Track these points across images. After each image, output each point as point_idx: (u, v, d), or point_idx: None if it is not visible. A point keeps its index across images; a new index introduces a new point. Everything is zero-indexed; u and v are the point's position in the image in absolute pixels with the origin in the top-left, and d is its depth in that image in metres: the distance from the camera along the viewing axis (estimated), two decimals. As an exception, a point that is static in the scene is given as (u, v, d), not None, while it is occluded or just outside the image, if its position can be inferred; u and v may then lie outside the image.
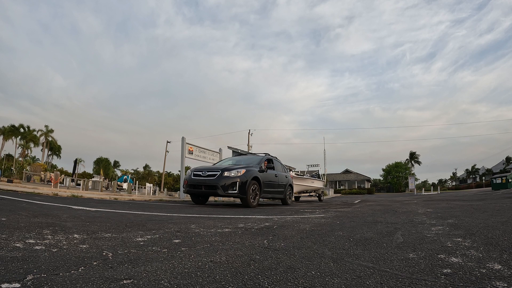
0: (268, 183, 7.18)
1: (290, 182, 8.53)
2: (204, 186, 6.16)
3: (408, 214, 4.22)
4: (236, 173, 6.18)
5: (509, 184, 21.59)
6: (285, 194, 8.17)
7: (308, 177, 12.48)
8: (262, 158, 7.72)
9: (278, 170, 8.09)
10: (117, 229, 2.25)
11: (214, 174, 6.21)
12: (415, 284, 1.11)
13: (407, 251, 1.71)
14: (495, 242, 1.93)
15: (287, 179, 8.42)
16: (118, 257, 1.40)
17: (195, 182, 6.28)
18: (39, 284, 0.98)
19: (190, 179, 6.39)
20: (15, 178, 20.80)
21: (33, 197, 5.59)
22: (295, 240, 2.06)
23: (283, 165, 8.91)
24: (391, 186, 54.94)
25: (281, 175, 8.09)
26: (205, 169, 6.49)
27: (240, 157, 8.49)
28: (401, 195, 25.67)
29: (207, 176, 6.25)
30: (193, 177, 6.39)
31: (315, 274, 1.24)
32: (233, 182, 6.03)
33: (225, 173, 6.13)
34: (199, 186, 6.23)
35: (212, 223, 2.94)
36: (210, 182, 6.10)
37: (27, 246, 1.51)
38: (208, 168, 6.60)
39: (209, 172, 6.33)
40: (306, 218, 3.71)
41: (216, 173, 6.17)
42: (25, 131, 42.63)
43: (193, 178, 6.37)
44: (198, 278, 1.14)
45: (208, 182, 6.13)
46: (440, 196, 14.25)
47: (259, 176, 6.66)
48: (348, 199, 14.71)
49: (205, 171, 6.37)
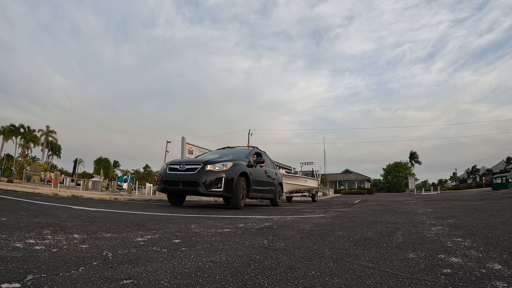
0: (258, 181, 6.27)
1: (280, 180, 7.72)
2: (182, 182, 5.15)
3: (408, 214, 4.22)
4: (222, 166, 5.21)
5: (509, 184, 21.58)
6: (275, 193, 7.27)
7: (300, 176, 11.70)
8: (250, 151, 6.80)
9: (268, 165, 7.19)
10: (117, 229, 2.25)
11: (194, 168, 5.20)
12: (415, 284, 1.11)
13: (407, 251, 1.71)
14: (495, 242, 1.93)
15: (277, 177, 7.55)
16: (118, 257, 1.40)
17: (171, 177, 5.27)
18: (39, 284, 0.98)
19: (165, 174, 5.36)
20: (15, 178, 20.80)
21: (33, 197, 5.59)
22: (295, 240, 2.06)
23: (272, 160, 8.02)
24: (391, 186, 54.95)
25: (271, 171, 7.21)
26: (183, 162, 5.49)
27: (225, 150, 7.32)
28: (401, 195, 25.67)
29: (185, 171, 5.22)
30: (169, 172, 5.37)
31: (315, 274, 1.24)
32: (217, 178, 5.07)
33: (207, 167, 5.14)
34: (176, 182, 5.22)
35: (212, 223, 2.94)
36: (189, 178, 5.09)
37: (27, 246, 1.51)
38: (187, 161, 5.60)
39: (188, 165, 5.30)
40: (306, 218, 3.71)
41: (197, 167, 5.19)
42: (25, 131, 42.62)
43: (168, 173, 5.35)
44: (198, 278, 1.14)
45: (186, 178, 5.12)
46: (440, 196, 14.25)
47: (248, 172, 5.70)
48: (348, 199, 14.71)
49: (183, 165, 5.34)
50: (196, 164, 5.28)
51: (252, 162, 6.24)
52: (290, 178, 10.01)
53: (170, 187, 5.32)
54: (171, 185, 5.29)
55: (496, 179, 23.26)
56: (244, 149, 7.46)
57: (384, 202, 9.38)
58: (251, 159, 6.34)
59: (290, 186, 9.92)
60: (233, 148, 7.61)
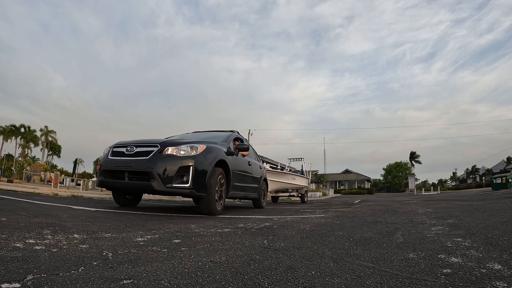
0: (240, 174, 4.70)
1: (265, 176, 6.41)
2: (129, 173, 3.50)
3: (408, 214, 4.22)
4: (189, 150, 3.56)
5: (509, 184, 21.59)
6: (259, 192, 5.86)
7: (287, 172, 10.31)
8: (230, 134, 5.07)
9: (251, 156, 5.67)
10: (117, 229, 2.25)
11: (147, 151, 3.54)
12: (415, 284, 1.11)
13: (407, 251, 1.71)
14: (495, 242, 1.93)
15: (261, 171, 6.12)
16: (118, 257, 1.40)
17: (112, 166, 3.64)
18: (39, 284, 0.98)
19: (105, 161, 3.73)
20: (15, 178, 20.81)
21: (33, 197, 5.59)
22: (295, 240, 2.06)
23: (255, 151, 6.48)
24: (391, 186, 54.96)
25: (255, 164, 5.74)
26: (132, 143, 3.73)
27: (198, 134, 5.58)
28: (401, 195, 25.66)
29: (134, 155, 3.56)
30: (111, 158, 3.71)
31: (315, 274, 1.24)
32: (182, 168, 3.41)
33: (167, 150, 3.50)
34: (120, 173, 3.56)
35: (212, 223, 2.94)
36: (138, 167, 3.43)
37: (27, 246, 1.51)
38: (138, 142, 3.77)
39: (139, 147, 3.62)
40: (306, 218, 3.71)
41: (152, 150, 3.53)
42: (25, 131, 42.62)
43: (110, 160, 3.70)
44: (198, 278, 1.14)
45: (135, 167, 3.45)
46: (440, 196, 14.25)
47: (228, 161, 4.11)
48: (348, 199, 14.71)
49: (131, 146, 3.65)
50: (150, 146, 3.59)
51: (233, 149, 4.63)
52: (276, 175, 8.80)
53: (111, 181, 3.65)
54: (112, 177, 3.63)
55: (496, 179, 23.26)
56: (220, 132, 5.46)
57: (384, 202, 9.38)
58: (231, 145, 4.69)
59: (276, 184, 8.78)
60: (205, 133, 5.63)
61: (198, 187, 3.50)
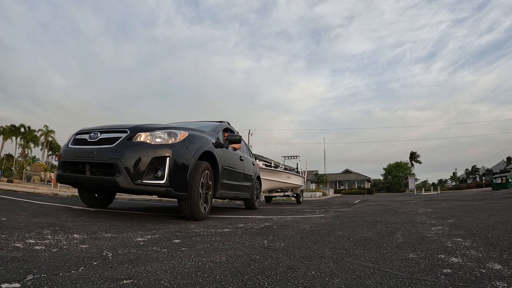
0: (231, 170, 4.06)
1: (258, 174, 5.85)
2: (90, 165, 2.81)
3: (408, 214, 4.22)
4: (166, 137, 2.88)
5: (509, 184, 21.60)
6: (253, 191, 5.31)
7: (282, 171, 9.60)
8: (218, 124, 4.37)
9: (243, 151, 5.09)
10: (117, 229, 2.25)
11: (113, 138, 2.85)
12: (415, 284, 1.11)
13: (407, 251, 1.71)
14: (495, 242, 1.93)
15: (254, 168, 5.55)
16: (118, 257, 1.40)
17: (71, 156, 2.94)
18: (39, 284, 0.98)
19: (66, 151, 3.05)
20: (15, 178, 20.82)
21: (33, 197, 5.59)
22: (295, 240, 2.06)
23: (247, 145, 5.94)
24: (391, 186, 54.99)
25: (248, 160, 5.14)
26: (97, 129, 3.01)
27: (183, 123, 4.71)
28: (401, 195, 25.67)
29: (98, 143, 2.86)
30: (71, 147, 3.02)
31: (315, 274, 1.24)
32: (156, 159, 2.73)
33: (139, 136, 2.82)
34: (81, 166, 2.86)
35: (212, 223, 2.94)
36: (101, 157, 2.74)
37: (27, 246, 1.51)
38: (104, 128, 3.03)
39: (104, 133, 2.92)
40: (306, 218, 3.71)
41: (119, 136, 2.84)
42: (25, 131, 42.63)
43: (70, 149, 3.00)
44: (198, 278, 1.14)
45: (97, 157, 2.75)
46: (440, 196, 14.25)
47: (216, 154, 3.44)
48: (348, 199, 14.71)
49: (95, 133, 2.95)
50: (118, 131, 2.90)
51: (222, 140, 4.03)
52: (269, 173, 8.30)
53: (70, 175, 2.96)
54: (72, 170, 2.93)
55: (496, 179, 23.27)
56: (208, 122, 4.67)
57: (384, 202, 9.38)
58: (221, 136, 4.09)
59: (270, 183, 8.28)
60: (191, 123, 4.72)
61: (177, 185, 2.80)
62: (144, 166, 2.70)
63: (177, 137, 2.95)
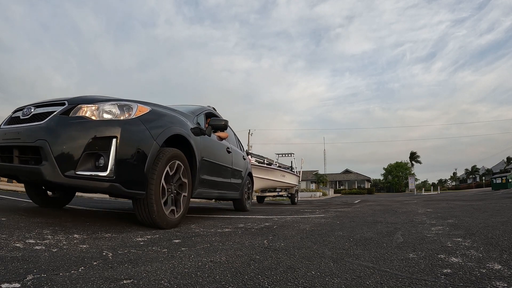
0: (214, 163, 3.31)
1: (250, 170, 5.05)
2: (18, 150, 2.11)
3: (408, 214, 4.22)
4: (117, 111, 2.13)
5: (509, 184, 21.61)
6: (242, 190, 4.56)
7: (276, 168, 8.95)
8: (200, 107, 3.59)
9: (231, 141, 4.31)
10: (117, 229, 2.25)
11: (47, 112, 2.13)
12: (415, 284, 1.11)
13: (407, 251, 1.71)
14: (495, 242, 1.93)
15: (245, 163, 4.78)
16: (118, 257, 1.40)
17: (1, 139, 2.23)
18: (39, 284, 0.98)
19: None
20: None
21: (33, 197, 5.58)
22: (295, 240, 2.06)
23: (237, 136, 5.06)
24: (391, 186, 55.00)
25: (237, 153, 4.37)
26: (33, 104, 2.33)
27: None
28: (401, 195, 25.67)
29: (29, 120, 2.18)
30: (4, 127, 2.35)
31: (315, 274, 1.24)
32: (96, 142, 1.95)
33: (80, 110, 2.07)
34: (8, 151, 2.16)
35: (212, 223, 2.94)
36: (26, 138, 2.03)
37: (27, 246, 1.51)
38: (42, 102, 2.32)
39: (38, 108, 2.23)
40: (306, 218, 3.71)
41: (54, 110, 2.12)
42: (25, 131, 42.58)
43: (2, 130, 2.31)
44: (198, 278, 1.14)
45: (23, 138, 2.06)
46: (440, 196, 14.25)
47: (192, 140, 2.71)
48: (348, 199, 14.71)
49: (29, 108, 2.26)
50: (55, 105, 2.20)
51: (204, 126, 3.30)
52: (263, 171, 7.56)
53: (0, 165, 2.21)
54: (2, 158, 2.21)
55: (496, 179, 23.28)
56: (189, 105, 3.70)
57: (384, 202, 9.38)
58: (202, 121, 3.35)
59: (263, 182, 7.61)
60: None
61: (128, 179, 2.05)
62: (80, 151, 1.92)
63: (132, 112, 2.17)
